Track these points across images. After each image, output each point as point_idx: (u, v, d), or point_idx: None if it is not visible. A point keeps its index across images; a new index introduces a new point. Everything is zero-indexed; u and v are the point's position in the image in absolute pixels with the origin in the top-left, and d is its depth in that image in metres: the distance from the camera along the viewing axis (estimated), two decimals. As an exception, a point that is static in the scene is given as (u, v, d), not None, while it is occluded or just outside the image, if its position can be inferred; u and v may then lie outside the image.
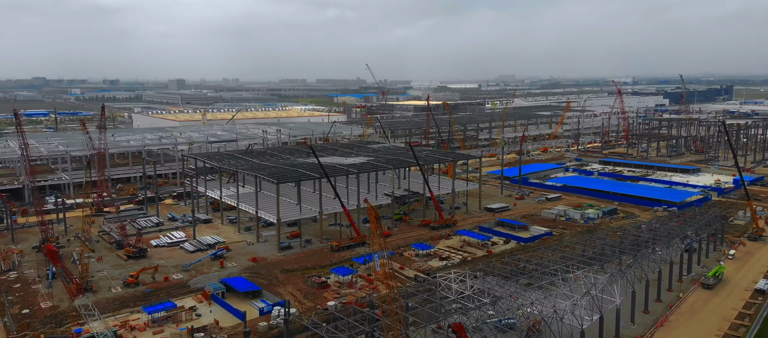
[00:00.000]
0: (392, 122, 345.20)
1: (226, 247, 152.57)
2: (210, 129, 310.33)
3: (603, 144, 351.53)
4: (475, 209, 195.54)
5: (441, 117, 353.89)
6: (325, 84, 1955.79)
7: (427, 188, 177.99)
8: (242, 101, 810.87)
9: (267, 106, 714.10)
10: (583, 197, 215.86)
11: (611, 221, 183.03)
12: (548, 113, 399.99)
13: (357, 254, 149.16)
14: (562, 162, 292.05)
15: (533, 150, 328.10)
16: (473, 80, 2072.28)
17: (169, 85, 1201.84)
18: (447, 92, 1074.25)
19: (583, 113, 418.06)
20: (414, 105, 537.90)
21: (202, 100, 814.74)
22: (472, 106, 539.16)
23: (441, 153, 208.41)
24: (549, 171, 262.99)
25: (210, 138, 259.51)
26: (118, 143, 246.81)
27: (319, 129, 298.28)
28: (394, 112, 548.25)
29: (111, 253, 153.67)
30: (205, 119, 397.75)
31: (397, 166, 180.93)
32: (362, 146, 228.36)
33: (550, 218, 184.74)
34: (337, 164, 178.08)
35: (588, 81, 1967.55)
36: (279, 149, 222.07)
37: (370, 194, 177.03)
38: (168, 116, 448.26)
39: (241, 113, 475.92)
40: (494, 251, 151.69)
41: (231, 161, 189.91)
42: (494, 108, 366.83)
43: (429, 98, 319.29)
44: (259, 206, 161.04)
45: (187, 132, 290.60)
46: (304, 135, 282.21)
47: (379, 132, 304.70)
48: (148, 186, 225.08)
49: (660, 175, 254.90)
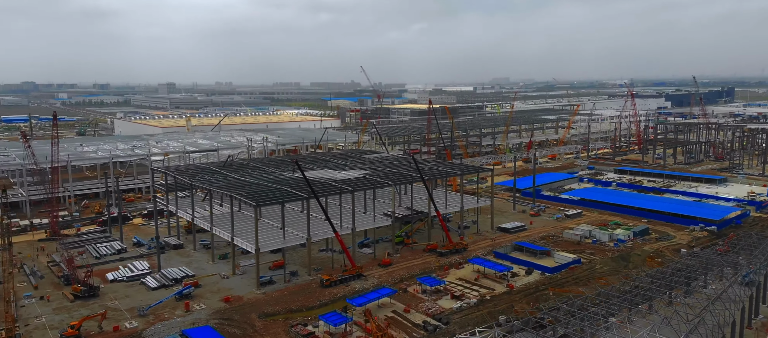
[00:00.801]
0: (389, 128, 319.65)
1: (195, 283, 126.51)
2: (192, 137, 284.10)
3: (615, 150, 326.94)
4: (487, 229, 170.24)
5: (442, 122, 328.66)
6: (320, 87, 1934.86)
7: (433, 207, 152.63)
8: (233, 106, 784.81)
9: (258, 110, 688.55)
10: (606, 213, 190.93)
11: (644, 242, 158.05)
12: (553, 117, 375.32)
13: (352, 290, 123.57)
14: (574, 171, 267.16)
15: (540, 157, 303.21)
16: (468, 83, 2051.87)
17: (159, 89, 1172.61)
18: (443, 95, 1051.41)
19: (591, 117, 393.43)
20: (411, 109, 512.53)
21: (192, 104, 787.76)
22: (471, 109, 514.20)
23: (447, 165, 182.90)
24: (562, 182, 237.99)
25: (189, 147, 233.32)
26: (83, 155, 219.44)
27: (310, 136, 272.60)
28: (390, 116, 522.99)
29: (59, 291, 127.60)
30: (189, 125, 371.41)
31: (397, 181, 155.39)
32: (357, 156, 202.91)
33: (574, 240, 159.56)
34: (328, 180, 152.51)
35: (583, 83, 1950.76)
36: (264, 160, 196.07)
37: (366, 214, 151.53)
38: (151, 121, 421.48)
39: (229, 119, 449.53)
40: (516, 286, 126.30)
41: (206, 176, 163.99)
42: (497, 112, 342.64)
43: (430, 103, 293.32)
44: (235, 231, 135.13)
45: (166, 140, 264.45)
46: (293, 143, 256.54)
47: (376, 139, 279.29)
48: (116, 203, 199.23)
49: (684, 186, 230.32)
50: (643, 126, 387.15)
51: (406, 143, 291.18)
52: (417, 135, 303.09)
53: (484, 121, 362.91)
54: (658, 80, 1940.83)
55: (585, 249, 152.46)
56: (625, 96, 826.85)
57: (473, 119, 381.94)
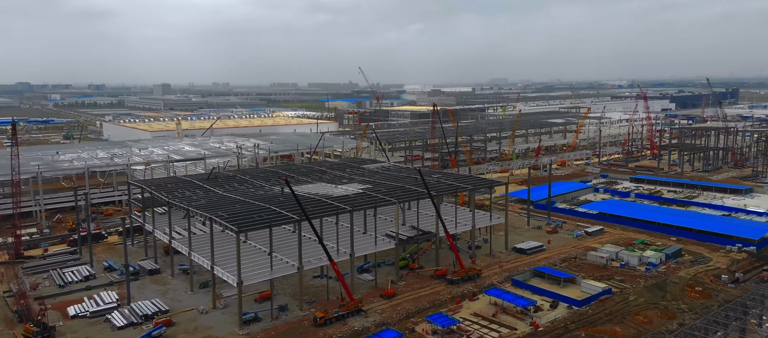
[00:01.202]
0: (389, 133, 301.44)
1: (167, 321, 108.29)
2: (180, 143, 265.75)
3: (627, 156, 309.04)
4: (501, 249, 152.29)
5: (444, 125, 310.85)
6: (317, 88, 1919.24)
7: (442, 227, 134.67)
8: (228, 107, 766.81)
9: (254, 111, 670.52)
10: (629, 229, 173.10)
11: (677, 266, 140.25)
12: (560, 121, 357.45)
13: (350, 330, 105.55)
14: (587, 180, 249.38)
15: (549, 163, 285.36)
16: (466, 83, 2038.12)
17: (154, 90, 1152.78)
18: (442, 96, 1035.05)
19: (601, 120, 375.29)
20: (410, 111, 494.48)
21: (187, 105, 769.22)
22: (472, 112, 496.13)
23: (456, 178, 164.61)
24: (577, 193, 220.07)
25: (174, 156, 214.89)
26: (55, 164, 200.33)
27: (306, 142, 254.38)
28: (389, 118, 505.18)
29: (11, 330, 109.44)
30: (179, 129, 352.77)
31: (402, 198, 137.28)
32: (356, 166, 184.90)
33: (600, 264, 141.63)
34: (323, 197, 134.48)
35: (582, 84, 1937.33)
36: (253, 171, 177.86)
37: (366, 235, 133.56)
38: (140, 125, 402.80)
39: (223, 121, 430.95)
40: (541, 323, 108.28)
41: (186, 191, 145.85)
42: (503, 116, 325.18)
43: (435, 107, 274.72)
44: (216, 258, 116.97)
45: (151, 147, 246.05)
46: (287, 150, 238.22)
47: (375, 144, 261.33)
48: (92, 218, 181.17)
49: (708, 197, 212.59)
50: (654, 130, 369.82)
51: (407, 150, 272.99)
52: (418, 140, 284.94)
53: (488, 125, 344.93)
54: (658, 81, 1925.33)
55: (613, 275, 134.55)
56: (628, 97, 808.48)
57: (476, 123, 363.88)
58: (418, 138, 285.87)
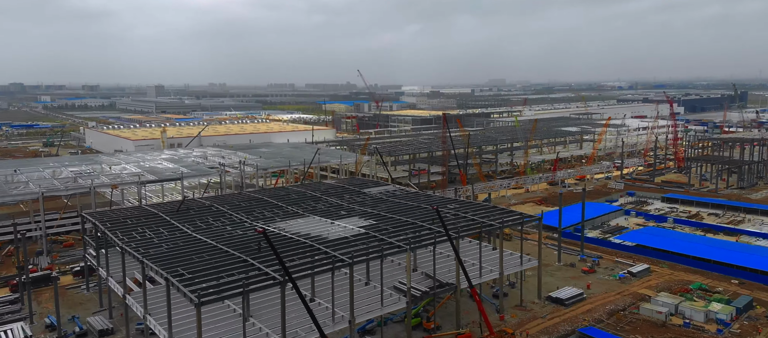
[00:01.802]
0: (392, 144, 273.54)
1: None
2: (160, 156, 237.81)
3: (652, 170, 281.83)
4: (532, 298, 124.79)
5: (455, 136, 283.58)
6: (314, 89, 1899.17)
7: (465, 277, 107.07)
8: (222, 110, 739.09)
9: (248, 114, 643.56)
10: (678, 267, 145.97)
11: (754, 324, 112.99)
12: (575, 130, 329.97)
13: None
14: (612, 199, 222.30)
15: (566, 178, 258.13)
16: (464, 84, 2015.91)
17: (148, 91, 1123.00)
18: (441, 98, 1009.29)
19: (623, 128, 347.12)
20: (412, 116, 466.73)
21: (179, 108, 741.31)
22: (477, 117, 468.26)
23: (477, 209, 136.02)
24: (606, 217, 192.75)
25: (148, 175, 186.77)
26: (7, 189, 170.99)
27: (299, 156, 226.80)
28: (389, 123, 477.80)
29: None
30: (164, 137, 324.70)
31: (414, 241, 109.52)
32: (356, 189, 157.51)
33: (657, 321, 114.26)
34: (315, 240, 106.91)
35: (581, 85, 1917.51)
36: (234, 199, 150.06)
37: (369, 287, 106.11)
38: (124, 132, 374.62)
39: (213, 128, 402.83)
40: None
41: (148, 228, 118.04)
42: (516, 124, 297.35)
43: (445, 117, 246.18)
44: (174, 328, 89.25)
45: (129, 160, 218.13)
46: (278, 166, 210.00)
47: (376, 158, 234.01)
48: (50, 255, 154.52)
49: (756, 223, 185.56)
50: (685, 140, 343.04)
51: (411, 164, 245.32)
52: (423, 151, 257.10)
53: (498, 133, 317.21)
54: (658, 82, 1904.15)
55: (677, 337, 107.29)
56: (635, 101, 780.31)
57: (484, 131, 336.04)
58: (422, 149, 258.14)
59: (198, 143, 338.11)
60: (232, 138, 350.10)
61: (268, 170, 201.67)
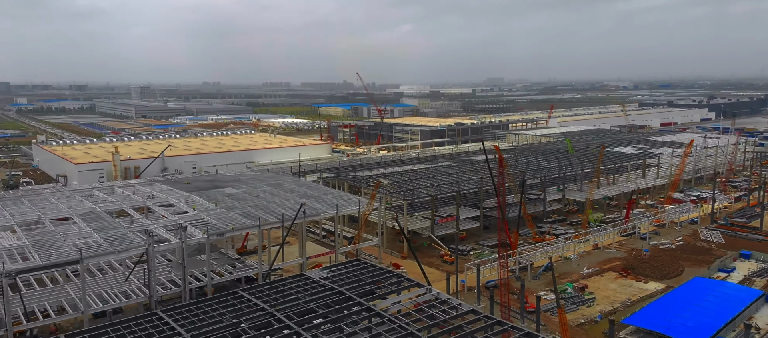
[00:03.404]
0: (406, 178, 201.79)
1: None
2: (94, 197, 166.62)
3: (745, 206, 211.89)
4: None
5: (474, 159, 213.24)
6: (310, 88, 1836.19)
7: None
8: (209, 113, 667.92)
9: (236, 120, 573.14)
10: None
11: None
12: (632, 151, 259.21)
13: None
14: (726, 269, 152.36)
15: (644, 225, 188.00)
16: (462, 83, 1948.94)
17: (132, 92, 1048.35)
18: (444, 100, 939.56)
19: (705, 147, 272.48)
20: (421, 127, 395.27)
21: (161, 112, 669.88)
22: (497, 129, 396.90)
23: None
24: (742, 314, 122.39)
25: (30, 249, 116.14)
26: None
27: (278, 201, 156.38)
28: (393, 133, 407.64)
29: None
30: (116, 160, 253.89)
31: None
32: (368, 276, 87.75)
33: None
34: None
35: (583, 84, 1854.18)
36: (139, 323, 79.62)
37: None
38: (73, 151, 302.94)
39: (184, 141, 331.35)
40: None
41: None
42: (569, 150, 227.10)
43: (500, 154, 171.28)
44: None
45: (36, 209, 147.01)
46: (241, 229, 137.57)
47: (385, 204, 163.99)
48: None
49: None
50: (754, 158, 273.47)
51: (434, 209, 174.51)
52: (449, 189, 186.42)
53: (540, 156, 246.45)
54: (661, 82, 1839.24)
55: None
56: (660, 105, 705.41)
57: (519, 152, 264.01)
58: (446, 186, 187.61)
59: (161, 165, 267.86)
60: (203, 158, 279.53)
61: (225, 235, 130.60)
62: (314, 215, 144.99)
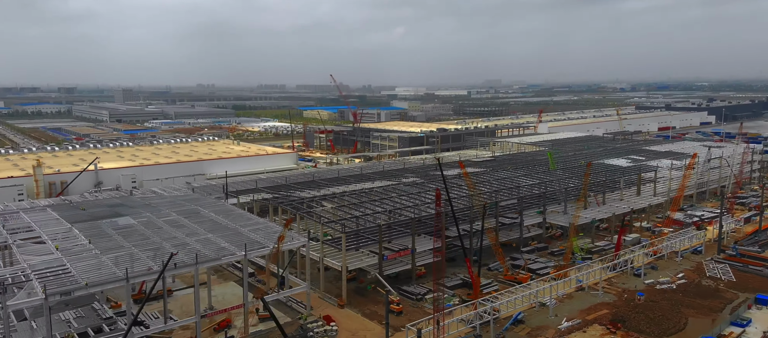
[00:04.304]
0: (361, 208, 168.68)
1: None
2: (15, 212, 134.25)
3: (757, 228, 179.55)
4: None
5: (447, 173, 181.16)
6: (305, 90, 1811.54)
7: None
8: (190, 117, 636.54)
9: (215, 124, 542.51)
10: None
11: None
12: (627, 163, 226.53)
13: None
14: (741, 321, 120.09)
15: (634, 256, 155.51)
16: (459, 85, 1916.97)
17: (115, 95, 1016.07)
18: (436, 102, 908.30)
19: (709, 163, 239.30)
20: (399, 133, 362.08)
21: (138, 116, 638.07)
22: (481, 137, 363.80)
23: None
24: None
25: None
26: None
27: (174, 250, 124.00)
28: (370, 139, 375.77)
29: None
30: (38, 174, 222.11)
31: None
32: None
33: None
34: None
35: (580, 86, 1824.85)
36: None
37: None
38: (5, 161, 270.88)
39: (134, 150, 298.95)
40: None
41: None
42: (551, 166, 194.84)
43: (464, 168, 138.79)
44: None
45: None
46: (106, 283, 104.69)
47: (322, 233, 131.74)
48: None
49: None
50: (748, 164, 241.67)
51: (382, 243, 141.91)
52: (406, 214, 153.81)
53: (520, 170, 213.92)
54: (660, 83, 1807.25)
55: None
56: (657, 108, 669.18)
57: (496, 167, 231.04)
58: (405, 207, 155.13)
59: (95, 178, 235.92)
60: (146, 171, 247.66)
61: (73, 294, 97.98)
62: (209, 261, 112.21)
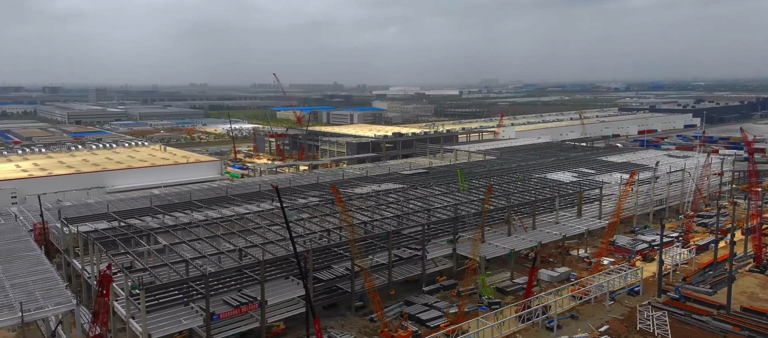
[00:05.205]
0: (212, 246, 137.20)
1: None
2: None
3: (712, 263, 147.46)
4: None
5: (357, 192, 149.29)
6: (299, 89, 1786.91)
7: None
8: (159, 117, 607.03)
9: (177, 126, 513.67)
10: None
11: None
12: (570, 178, 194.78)
13: None
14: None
15: (560, 307, 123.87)
16: (457, 84, 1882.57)
17: (89, 95, 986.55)
18: (418, 103, 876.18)
19: (656, 177, 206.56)
20: (350, 138, 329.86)
21: (99, 117, 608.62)
22: (433, 144, 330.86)
23: None
24: None
25: None
26: None
27: None
28: (318, 142, 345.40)
29: None
30: None
31: None
32: None
33: None
34: None
35: (575, 86, 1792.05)
36: None
37: None
38: None
39: (43, 158, 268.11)
40: None
41: None
42: (461, 187, 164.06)
43: (336, 191, 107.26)
44: None
45: None
46: None
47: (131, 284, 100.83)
48: None
49: None
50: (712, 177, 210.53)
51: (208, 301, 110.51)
52: (271, 252, 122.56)
53: (448, 187, 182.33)
54: (655, 82, 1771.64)
55: None
56: (640, 110, 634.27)
57: (430, 189, 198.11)
58: (268, 242, 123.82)
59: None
60: (33, 184, 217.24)
61: None
62: None
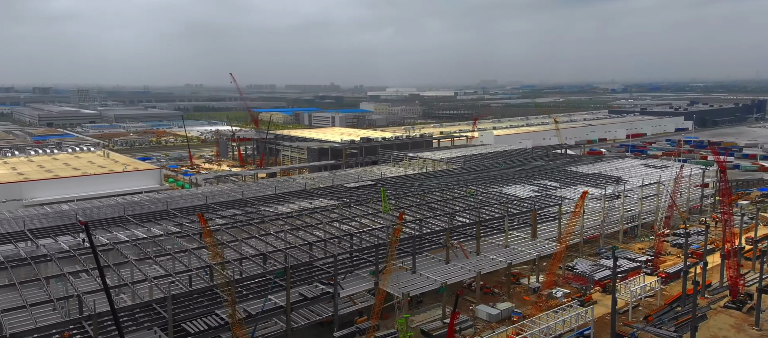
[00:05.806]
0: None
1: None
2: None
3: (679, 295, 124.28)
4: None
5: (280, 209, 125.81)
6: (295, 90, 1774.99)
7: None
8: (132, 120, 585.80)
9: (151, 128, 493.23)
10: None
11: None
12: (532, 191, 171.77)
13: None
14: None
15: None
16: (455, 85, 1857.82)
17: (71, 96, 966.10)
18: (407, 104, 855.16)
19: (621, 190, 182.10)
20: (308, 145, 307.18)
21: (72, 118, 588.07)
22: (418, 148, 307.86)
23: None
24: None
25: None
26: None
27: None
28: (279, 147, 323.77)
29: None
30: None
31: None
32: None
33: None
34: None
35: (572, 87, 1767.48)
36: None
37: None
38: None
39: None
40: None
41: None
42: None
43: (204, 220, 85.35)
44: None
45: None
46: None
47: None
48: None
49: None
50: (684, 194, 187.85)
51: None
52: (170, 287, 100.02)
53: (390, 204, 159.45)
54: (653, 83, 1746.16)
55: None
56: (631, 112, 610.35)
57: (363, 208, 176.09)
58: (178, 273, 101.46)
59: None
60: None
61: None
62: None
